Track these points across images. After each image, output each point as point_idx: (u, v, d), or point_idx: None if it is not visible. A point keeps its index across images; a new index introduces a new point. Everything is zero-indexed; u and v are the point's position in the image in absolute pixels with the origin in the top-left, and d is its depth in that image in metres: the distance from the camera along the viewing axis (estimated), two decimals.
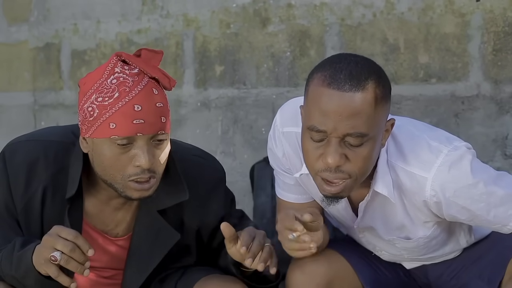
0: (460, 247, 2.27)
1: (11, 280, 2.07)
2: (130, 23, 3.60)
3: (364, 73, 1.91)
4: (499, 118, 2.82)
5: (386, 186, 2.04)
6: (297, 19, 3.18)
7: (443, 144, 2.03)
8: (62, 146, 2.11)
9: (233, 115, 3.36)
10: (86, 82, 2.01)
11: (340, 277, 2.21)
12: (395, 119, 2.02)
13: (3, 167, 2.11)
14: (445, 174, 2.00)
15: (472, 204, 2.01)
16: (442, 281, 2.34)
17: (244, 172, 3.27)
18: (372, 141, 1.93)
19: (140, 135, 1.96)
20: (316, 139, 1.93)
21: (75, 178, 2.06)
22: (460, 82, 2.88)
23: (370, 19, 3.02)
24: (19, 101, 3.97)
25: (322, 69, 1.94)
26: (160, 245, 2.16)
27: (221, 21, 3.36)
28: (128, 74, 1.98)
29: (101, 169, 2.02)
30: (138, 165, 1.98)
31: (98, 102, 1.97)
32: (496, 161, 2.84)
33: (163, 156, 2.02)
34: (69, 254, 1.91)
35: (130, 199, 2.04)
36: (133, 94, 1.96)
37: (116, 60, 2.00)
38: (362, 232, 2.21)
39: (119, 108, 1.95)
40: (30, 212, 2.11)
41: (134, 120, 1.95)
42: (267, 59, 3.26)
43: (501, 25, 2.80)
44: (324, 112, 1.90)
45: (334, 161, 1.91)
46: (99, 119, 1.96)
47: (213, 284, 2.13)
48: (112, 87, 1.97)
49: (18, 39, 3.95)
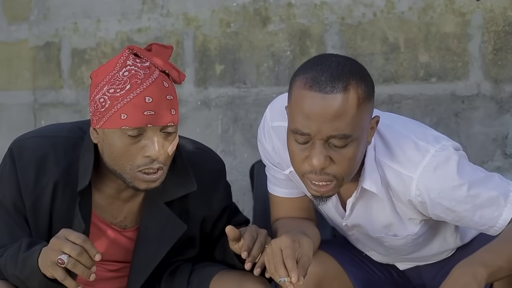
0: (449, 246, 2.27)
1: (14, 281, 2.08)
2: (130, 22, 3.60)
3: (345, 74, 1.91)
4: (499, 118, 2.82)
5: (374, 183, 2.04)
6: (297, 18, 3.18)
7: (431, 144, 2.03)
8: (71, 142, 2.14)
9: (233, 114, 3.36)
10: (98, 74, 2.05)
11: (330, 278, 2.21)
12: (379, 116, 2.02)
13: (11, 164, 2.12)
14: (431, 174, 1.99)
15: (457, 206, 2.01)
16: (436, 282, 2.33)
17: (244, 171, 3.27)
18: (356, 141, 1.93)
19: (150, 126, 2.00)
20: (301, 142, 1.94)
21: (86, 171, 2.08)
22: (460, 82, 2.88)
23: (371, 18, 3.02)
24: (19, 100, 3.97)
25: (304, 72, 1.94)
26: (167, 236, 2.19)
27: (221, 20, 3.36)
28: (139, 67, 2.02)
29: (110, 159, 2.06)
30: (147, 156, 2.01)
31: (110, 93, 2.00)
32: (496, 160, 2.84)
33: (171, 148, 2.05)
34: (76, 258, 1.92)
35: (138, 189, 2.07)
36: (145, 86, 2.00)
37: (128, 53, 2.05)
38: (351, 230, 2.22)
39: (131, 100, 1.99)
40: (39, 208, 2.12)
41: (145, 111, 1.99)
42: (267, 58, 3.26)
43: (501, 25, 2.80)
44: (306, 115, 1.90)
45: (319, 163, 1.92)
46: (111, 110, 2.00)
47: (231, 279, 2.16)
48: (124, 79, 2.01)
49: (18, 38, 3.95)
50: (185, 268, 2.26)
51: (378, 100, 3.03)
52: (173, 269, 2.27)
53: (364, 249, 2.31)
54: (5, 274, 2.09)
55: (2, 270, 2.09)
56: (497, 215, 2.01)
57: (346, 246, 2.32)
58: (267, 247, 1.98)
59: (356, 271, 2.28)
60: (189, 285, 2.23)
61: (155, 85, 2.01)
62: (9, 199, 2.12)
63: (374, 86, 2.00)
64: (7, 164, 2.14)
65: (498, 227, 2.03)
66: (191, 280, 2.23)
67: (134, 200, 2.20)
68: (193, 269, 2.26)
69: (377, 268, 2.34)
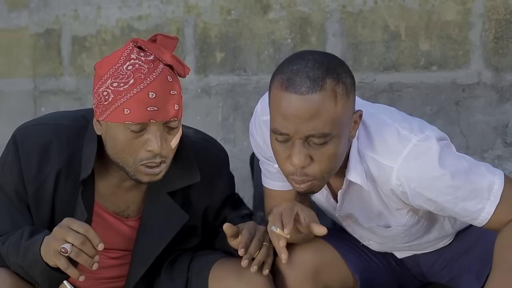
0: (446, 233, 2.27)
1: (16, 268, 2.09)
2: (131, 9, 3.59)
3: (321, 73, 1.90)
4: (500, 106, 2.82)
5: (359, 175, 2.04)
6: (298, 6, 3.17)
7: (413, 133, 2.01)
8: (74, 130, 2.14)
9: (233, 101, 3.36)
10: (102, 66, 2.04)
11: (327, 266, 2.22)
12: (362, 111, 2.01)
13: (14, 152, 2.12)
14: (411, 164, 1.98)
15: (438, 196, 1.99)
16: (434, 270, 2.35)
17: (244, 159, 3.27)
18: (336, 138, 1.94)
19: (153, 122, 2.00)
20: (281, 140, 1.95)
21: (89, 160, 2.09)
22: (461, 70, 2.88)
23: (371, 6, 3.01)
24: (19, 87, 3.97)
25: (280, 73, 1.94)
26: (169, 226, 2.20)
27: (222, 8, 3.35)
28: (143, 61, 2.01)
29: (113, 152, 2.06)
30: (150, 150, 2.02)
31: (113, 87, 2.00)
32: (497, 149, 2.84)
33: (174, 142, 2.06)
34: (79, 247, 1.93)
35: (140, 182, 2.08)
36: (148, 82, 1.99)
37: (132, 46, 2.04)
38: (345, 221, 2.22)
39: (134, 95, 1.98)
40: (41, 196, 2.13)
41: (148, 107, 1.98)
42: (268, 46, 3.26)
43: (502, 13, 2.80)
44: (284, 116, 1.91)
45: (299, 162, 1.92)
46: (114, 104, 2.00)
47: (231, 267, 2.17)
48: (127, 73, 2.00)
49: (18, 25, 3.94)
50: (186, 256, 2.28)
51: (379, 88, 3.03)
52: (173, 257, 2.28)
53: (361, 239, 2.31)
54: (7, 262, 2.10)
55: (4, 258, 2.10)
56: (480, 208, 2.00)
57: (344, 235, 2.33)
58: (270, 214, 2.03)
59: (354, 259, 2.29)
60: (189, 273, 2.24)
61: (159, 80, 2.00)
62: (12, 187, 2.13)
63: (355, 81, 1.99)
64: (10, 151, 2.14)
65: (481, 219, 2.01)
66: (191, 268, 2.25)
67: (137, 190, 2.21)
68: (193, 257, 2.27)
69: (375, 256, 2.35)
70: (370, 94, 3.01)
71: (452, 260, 2.30)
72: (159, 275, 2.28)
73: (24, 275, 2.09)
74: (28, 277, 2.08)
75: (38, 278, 2.06)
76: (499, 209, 2.00)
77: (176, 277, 2.25)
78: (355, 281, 2.27)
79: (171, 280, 2.25)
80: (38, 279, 2.06)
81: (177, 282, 2.24)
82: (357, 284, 2.28)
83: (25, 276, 2.09)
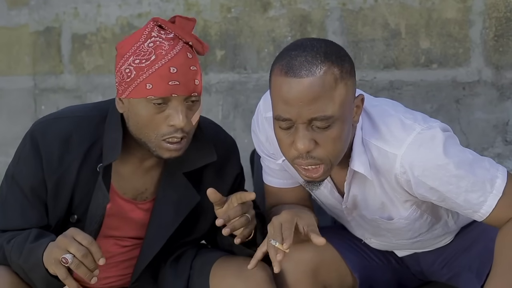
0: (449, 229, 2.27)
1: (17, 268, 2.11)
2: (131, 7, 3.59)
3: (319, 56, 1.91)
4: (500, 104, 2.82)
5: (362, 164, 2.05)
6: (298, 4, 3.17)
7: (417, 122, 2.02)
8: (92, 120, 2.19)
9: (233, 99, 3.36)
10: (123, 46, 2.11)
11: (327, 264, 2.22)
12: (363, 95, 2.02)
13: (33, 145, 2.15)
14: (415, 152, 1.98)
15: (440, 186, 1.99)
16: (434, 269, 2.35)
17: (244, 156, 3.26)
18: (339, 121, 1.94)
19: (174, 96, 2.06)
20: (284, 127, 1.95)
21: (116, 143, 2.13)
22: (461, 68, 2.88)
23: (372, 4, 3.01)
24: (19, 85, 3.97)
25: (280, 59, 1.96)
26: (182, 206, 2.24)
27: (222, 5, 3.35)
28: (164, 38, 2.08)
29: (136, 128, 2.11)
30: (172, 125, 2.07)
31: (135, 64, 2.06)
32: (497, 147, 2.84)
33: (195, 118, 2.12)
34: (80, 259, 1.95)
35: (161, 158, 2.12)
36: (169, 57, 2.05)
37: (153, 25, 2.10)
38: (350, 214, 2.22)
39: (156, 70, 2.05)
40: (62, 186, 2.16)
41: (170, 81, 2.04)
42: (268, 44, 3.26)
43: (503, 11, 2.79)
44: (285, 101, 1.92)
45: (304, 146, 1.93)
46: (136, 80, 2.06)
47: (232, 264, 2.19)
48: (149, 50, 2.06)
49: (18, 23, 3.94)
50: (190, 253, 2.30)
51: (379, 86, 3.03)
52: (179, 253, 2.30)
53: (363, 236, 2.31)
54: (9, 261, 2.11)
55: (7, 256, 2.11)
56: (482, 201, 2.00)
57: (344, 233, 2.33)
58: (269, 225, 2.02)
59: (353, 257, 2.29)
60: (192, 270, 2.26)
61: (179, 56, 2.07)
62: (27, 180, 2.15)
63: (354, 66, 2.00)
64: (27, 145, 2.16)
65: (483, 213, 2.01)
66: (194, 265, 2.27)
67: (155, 170, 2.25)
68: (196, 254, 2.29)
69: (375, 255, 2.35)
70: (371, 92, 3.01)
71: (452, 258, 2.30)
72: (164, 269, 2.29)
73: (24, 276, 2.10)
74: (27, 279, 2.10)
75: (37, 282, 2.07)
76: (500, 203, 2.00)
77: (180, 273, 2.27)
78: (354, 280, 2.27)
79: (175, 275, 2.27)
80: (37, 283, 2.08)
81: (180, 278, 2.26)
82: (357, 282, 2.28)
83: (24, 278, 2.10)
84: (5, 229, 2.16)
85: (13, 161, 2.20)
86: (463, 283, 2.24)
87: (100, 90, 3.71)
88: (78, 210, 2.17)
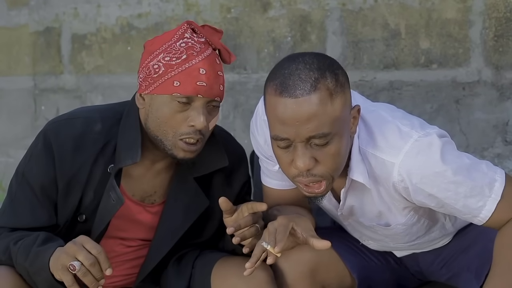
0: (447, 232, 2.27)
1: (21, 270, 2.12)
2: (131, 7, 3.59)
3: (313, 74, 1.90)
4: (500, 104, 2.82)
5: (361, 173, 2.04)
6: (298, 4, 3.17)
7: (414, 129, 2.01)
8: (106, 121, 2.21)
9: (233, 100, 3.36)
10: (153, 43, 2.17)
11: (325, 265, 2.22)
12: (360, 105, 2.01)
13: (46, 144, 2.17)
14: (413, 160, 1.98)
15: (439, 192, 1.99)
16: (433, 269, 2.34)
17: None
18: (337, 137, 1.93)
19: (199, 97, 2.10)
20: (283, 146, 1.95)
21: (133, 146, 2.15)
22: (461, 68, 2.88)
23: (371, 4, 3.01)
24: (19, 85, 3.97)
25: (273, 78, 1.95)
26: (191, 210, 2.26)
27: (222, 6, 3.35)
28: (196, 41, 2.14)
29: (155, 125, 2.13)
30: (192, 125, 2.11)
31: (165, 61, 2.11)
32: (497, 147, 2.83)
33: (212, 123, 2.15)
34: (88, 268, 1.97)
35: (175, 158, 2.14)
36: (200, 59, 2.11)
37: (187, 27, 2.16)
38: (346, 220, 2.22)
39: (186, 69, 2.10)
40: (74, 185, 2.17)
41: (198, 82, 2.09)
42: (268, 44, 3.25)
43: (502, 11, 2.79)
44: (282, 121, 1.91)
45: (304, 165, 1.92)
46: (164, 76, 2.11)
47: (233, 264, 2.20)
48: (180, 49, 2.12)
49: (18, 23, 3.94)
50: (193, 253, 2.31)
51: (379, 87, 3.03)
52: (181, 254, 2.31)
53: (361, 238, 2.31)
54: (14, 262, 2.12)
55: (13, 257, 2.11)
56: (481, 205, 2.00)
57: (342, 234, 2.32)
58: (265, 231, 2.02)
59: (352, 258, 2.28)
60: (193, 269, 2.27)
61: (209, 59, 2.12)
62: (38, 179, 2.16)
63: (348, 77, 1.98)
64: (39, 144, 2.18)
65: (482, 217, 2.01)
66: (195, 265, 2.27)
67: (165, 173, 2.26)
68: (199, 254, 2.30)
69: (374, 255, 2.35)
70: (370, 92, 3.01)
71: (451, 258, 2.30)
72: (167, 269, 2.31)
73: (28, 278, 2.11)
74: (31, 282, 2.10)
75: (41, 286, 2.08)
76: (499, 207, 2.00)
77: (182, 272, 2.28)
78: (353, 280, 2.27)
79: (177, 275, 2.28)
80: (41, 286, 2.08)
81: (182, 277, 2.27)
82: (355, 283, 2.27)
83: (28, 280, 2.11)
84: (15, 227, 2.17)
85: (24, 159, 2.21)
86: (462, 283, 2.24)
87: (100, 90, 3.71)
88: (87, 210, 2.19)
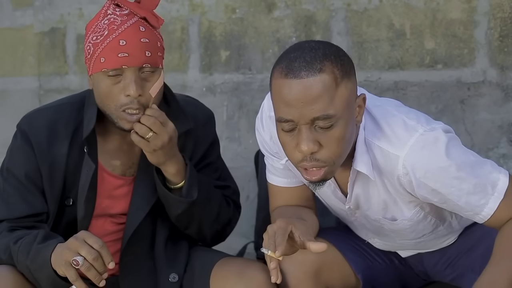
0: (453, 230, 2.27)
1: (23, 268, 2.13)
2: None
3: (318, 57, 1.92)
4: (505, 105, 2.82)
5: (365, 164, 2.05)
6: (303, 4, 3.17)
7: (420, 124, 2.02)
8: (75, 105, 2.29)
9: (238, 100, 3.36)
10: (87, 26, 2.22)
11: (329, 265, 2.22)
12: (365, 94, 2.02)
13: (24, 136, 2.23)
14: (417, 153, 1.98)
15: (442, 188, 1.99)
16: (438, 269, 2.34)
17: (249, 157, 3.27)
18: (342, 121, 1.94)
19: (125, 67, 2.14)
20: (287, 129, 1.95)
21: (91, 119, 2.21)
22: (466, 68, 2.88)
23: (376, 4, 3.01)
24: (24, 86, 3.97)
25: (280, 62, 1.97)
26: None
27: (227, 6, 3.35)
28: (118, 14, 2.18)
29: (99, 101, 2.20)
30: (127, 95, 2.14)
31: (93, 41, 2.17)
32: (502, 147, 2.83)
33: (153, 90, 2.17)
34: (91, 262, 1.99)
35: (124, 130, 2.18)
36: (120, 31, 2.15)
37: (109, 4, 2.21)
38: (353, 215, 2.22)
39: (107, 44, 2.15)
40: (55, 169, 2.23)
41: (119, 53, 2.13)
42: (273, 44, 3.25)
43: (507, 11, 2.79)
44: (287, 102, 1.92)
45: (308, 147, 1.93)
46: (94, 55, 2.17)
47: (233, 265, 2.21)
48: (103, 26, 2.17)
49: (23, 23, 3.94)
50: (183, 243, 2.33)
51: (384, 87, 3.03)
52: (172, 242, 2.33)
53: (367, 236, 2.31)
54: (15, 261, 2.13)
55: (14, 256, 2.13)
56: (483, 203, 2.00)
57: (347, 234, 2.32)
58: (264, 234, 2.01)
59: (356, 258, 2.28)
60: (192, 270, 2.27)
61: (130, 29, 2.15)
62: (22, 170, 2.21)
63: (354, 66, 2.00)
64: (17, 137, 2.25)
65: (484, 215, 2.02)
66: (193, 264, 2.27)
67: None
68: (195, 254, 2.30)
69: (378, 255, 2.35)
70: (375, 93, 3.01)
71: (455, 259, 2.30)
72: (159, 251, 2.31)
73: (29, 276, 2.12)
74: (33, 279, 2.12)
75: (43, 282, 2.10)
76: (501, 206, 2.00)
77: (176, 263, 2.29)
78: (357, 280, 2.27)
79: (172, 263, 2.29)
80: (43, 283, 2.10)
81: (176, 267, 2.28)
82: (359, 283, 2.27)
83: (30, 278, 2.12)
84: (9, 218, 2.20)
85: (6, 156, 2.28)
86: (466, 283, 2.24)
87: None
88: (71, 192, 2.23)
